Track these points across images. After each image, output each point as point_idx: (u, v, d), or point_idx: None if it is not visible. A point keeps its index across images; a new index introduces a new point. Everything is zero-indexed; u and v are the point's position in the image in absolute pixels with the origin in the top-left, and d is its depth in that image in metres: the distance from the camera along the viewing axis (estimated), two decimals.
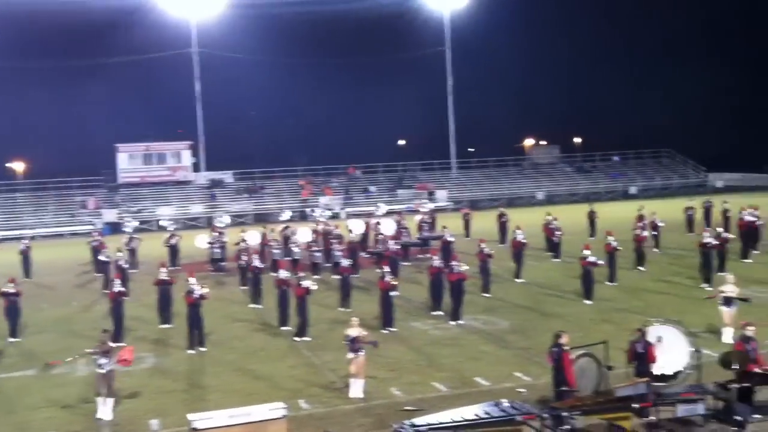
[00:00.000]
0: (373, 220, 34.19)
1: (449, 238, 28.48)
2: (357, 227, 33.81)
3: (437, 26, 67.32)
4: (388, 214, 41.69)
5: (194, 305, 18.37)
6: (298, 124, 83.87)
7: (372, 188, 62.88)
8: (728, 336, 16.24)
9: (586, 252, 21.67)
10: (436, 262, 21.39)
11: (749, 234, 27.89)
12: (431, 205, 49.34)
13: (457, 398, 13.68)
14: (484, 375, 15.17)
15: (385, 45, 73.41)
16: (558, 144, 79.45)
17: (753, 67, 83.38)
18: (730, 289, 16.83)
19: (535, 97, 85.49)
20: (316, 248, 28.68)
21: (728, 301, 16.73)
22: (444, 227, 30.37)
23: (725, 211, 32.46)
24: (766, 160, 75.57)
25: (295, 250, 28.79)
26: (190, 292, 18.47)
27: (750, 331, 12.88)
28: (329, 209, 53.75)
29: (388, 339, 18.31)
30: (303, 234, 31.38)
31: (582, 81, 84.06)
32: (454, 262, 20.82)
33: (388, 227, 32.33)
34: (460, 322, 19.85)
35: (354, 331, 14.43)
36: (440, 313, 20.78)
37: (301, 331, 18.95)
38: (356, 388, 14.32)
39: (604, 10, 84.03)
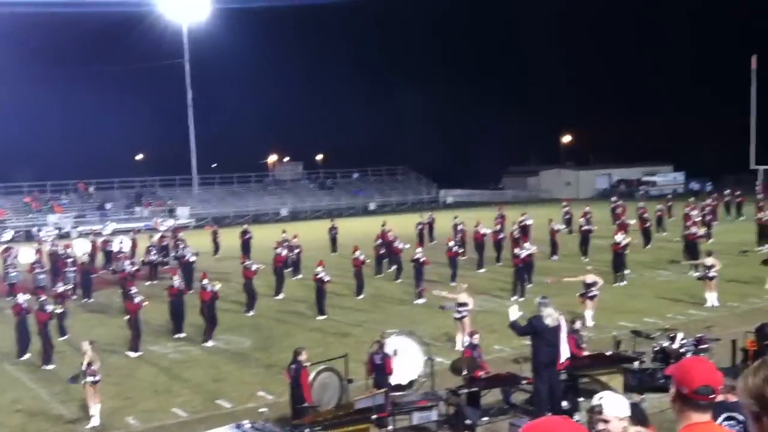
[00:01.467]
0: (100, 240, 32.43)
1: (191, 258, 27.53)
2: (81, 247, 31.69)
3: (177, 38, 65.55)
4: (125, 232, 39.60)
5: None
6: (22, 137, 77.47)
7: (107, 205, 59.49)
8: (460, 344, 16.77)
9: (319, 269, 21.93)
10: (176, 282, 20.55)
11: (482, 246, 29.87)
12: (172, 222, 47.76)
13: (198, 423, 13.19)
14: (227, 397, 14.77)
15: (121, 55, 70.34)
16: (301, 161, 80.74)
17: (480, 92, 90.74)
18: (464, 298, 17.64)
19: (279, 114, 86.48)
20: (40, 270, 26.38)
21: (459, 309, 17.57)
22: (185, 246, 29.21)
23: (455, 225, 34.57)
24: (490, 178, 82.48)
25: (12, 273, 26.29)
26: None
27: (476, 338, 13.71)
28: (58, 228, 50.10)
29: (127, 365, 17.29)
30: (25, 255, 28.95)
31: (324, 99, 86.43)
32: (205, 280, 20.12)
33: (124, 245, 30.86)
34: (209, 344, 19.14)
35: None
36: (182, 335, 19.95)
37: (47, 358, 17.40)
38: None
39: (343, 30, 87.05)
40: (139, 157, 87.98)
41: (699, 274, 21.45)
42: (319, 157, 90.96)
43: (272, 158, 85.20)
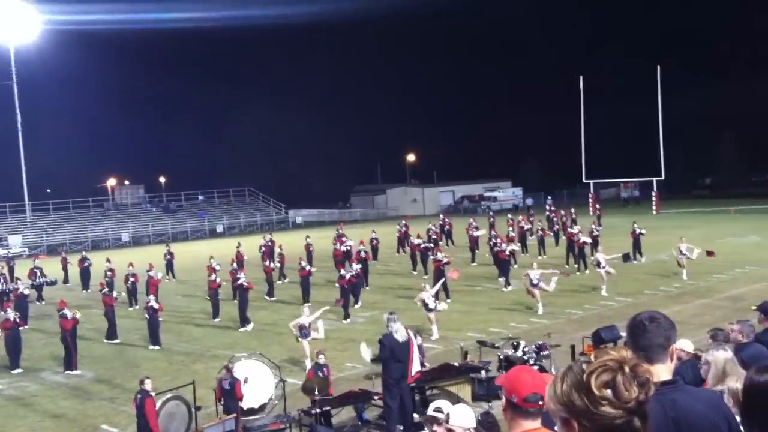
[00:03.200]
0: None
1: (25, 291, 25.90)
2: None
3: (4, 59, 61.88)
4: None
5: None
6: None
7: None
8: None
9: (150, 297, 21.33)
10: (11, 315, 19.28)
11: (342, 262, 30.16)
12: (3, 252, 44.91)
13: None
14: None
15: None
16: (142, 183, 78.20)
17: (326, 114, 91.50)
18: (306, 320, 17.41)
19: (116, 137, 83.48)
20: None
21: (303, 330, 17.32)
22: (18, 279, 27.50)
23: (308, 245, 34.57)
24: (339, 198, 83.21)
25: None
26: None
27: (321, 358, 13.62)
28: None
29: None
30: None
31: (164, 121, 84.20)
32: (65, 309, 19.05)
33: None
34: (75, 372, 18.26)
35: None
36: (20, 370, 18.75)
37: None
38: None
39: (181, 53, 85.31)
40: None
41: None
42: (162, 179, 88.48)
43: (111, 182, 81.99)
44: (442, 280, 23.34)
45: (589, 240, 30.12)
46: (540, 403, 3.01)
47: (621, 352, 1.89)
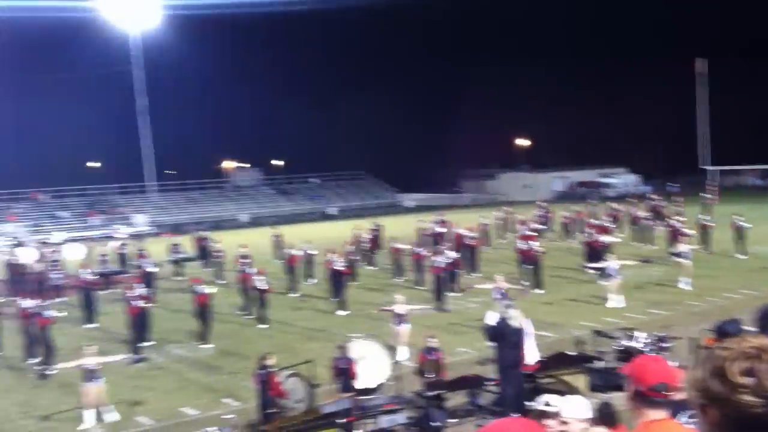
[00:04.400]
0: (49, 249, 32.04)
1: (151, 269, 27.23)
2: (28, 256, 31.28)
3: (127, 45, 64.94)
4: (80, 240, 39.13)
5: None
6: None
7: (63, 214, 58.67)
8: (403, 354, 16.37)
9: (260, 277, 21.93)
10: (140, 291, 20.23)
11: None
12: (129, 231, 47.27)
13: (163, 431, 13.13)
14: (192, 404, 14.67)
15: (73, 62, 69.41)
16: (259, 166, 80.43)
17: (437, 97, 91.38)
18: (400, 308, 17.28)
19: (236, 120, 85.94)
20: None
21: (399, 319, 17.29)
22: (143, 257, 28.86)
23: (423, 230, 34.78)
24: (449, 182, 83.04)
25: None
26: None
27: (433, 342, 13.80)
28: (14, 238, 49.23)
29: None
30: None
31: (281, 105, 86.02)
32: (197, 284, 20.12)
33: (75, 254, 30.61)
34: (208, 345, 19.23)
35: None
36: (147, 344, 19.81)
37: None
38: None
39: (302, 36, 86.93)
40: (93, 164, 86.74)
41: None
42: (277, 162, 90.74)
43: (229, 164, 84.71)
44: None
45: (691, 232, 28.73)
46: (667, 392, 3.02)
47: (761, 340, 1.90)
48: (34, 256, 31.21)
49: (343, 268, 23.40)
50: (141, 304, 19.33)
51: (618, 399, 11.83)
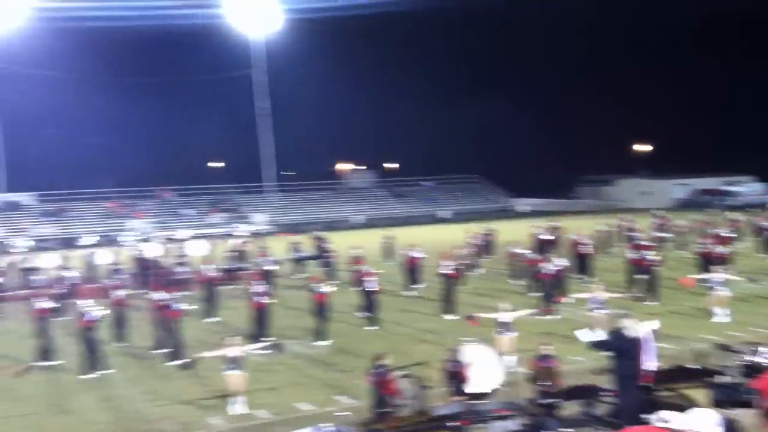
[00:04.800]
0: (174, 245, 33.51)
1: (270, 267, 28.07)
2: (153, 251, 32.75)
3: (251, 48, 67.10)
4: (202, 237, 40.77)
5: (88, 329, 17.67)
6: (105, 145, 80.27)
7: (187, 211, 61.24)
8: (509, 362, 15.93)
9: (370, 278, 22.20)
10: (260, 288, 20.97)
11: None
12: (248, 229, 48.79)
13: (279, 425, 13.53)
14: (307, 399, 15.07)
15: (197, 66, 72.25)
16: (373, 169, 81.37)
17: (553, 101, 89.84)
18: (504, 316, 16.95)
19: (352, 122, 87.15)
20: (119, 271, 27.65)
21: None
22: (264, 255, 29.83)
23: (535, 235, 34.29)
24: (567, 187, 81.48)
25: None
26: (82, 314, 17.70)
27: (548, 349, 13.65)
28: (140, 233, 51.81)
29: (207, 367, 17.88)
30: (103, 257, 30.48)
31: (394, 108, 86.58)
32: (316, 283, 20.79)
33: (198, 250, 31.93)
34: (325, 342, 19.74)
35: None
36: (268, 340, 20.42)
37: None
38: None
39: (412, 39, 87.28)
40: (219, 164, 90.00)
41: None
42: (390, 165, 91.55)
43: (344, 166, 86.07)
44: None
45: None
46: None
47: None
48: (159, 252, 32.72)
49: (451, 272, 23.37)
50: (262, 300, 19.97)
51: (743, 415, 11.44)
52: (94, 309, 18.10)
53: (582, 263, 28.42)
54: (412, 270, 27.06)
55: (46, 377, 17.82)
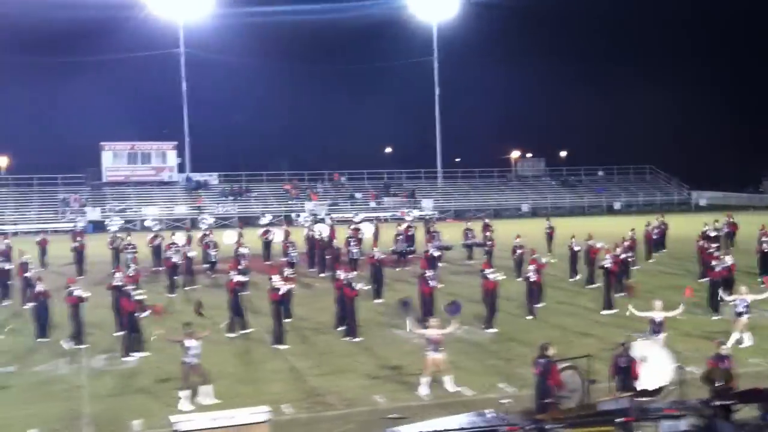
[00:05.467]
0: (347, 226, 34.51)
1: (437, 252, 28.28)
2: (325, 231, 33.63)
3: (426, 36, 67.62)
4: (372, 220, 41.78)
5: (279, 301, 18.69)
6: (284, 129, 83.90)
7: (357, 195, 62.93)
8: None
9: (530, 267, 21.76)
10: (428, 274, 21.11)
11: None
12: (416, 214, 49.43)
13: (440, 408, 13.66)
14: (468, 385, 15.14)
15: (374, 53, 73.67)
16: (543, 157, 79.93)
17: (739, 89, 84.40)
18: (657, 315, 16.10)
19: (522, 110, 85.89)
20: (293, 249, 28.62)
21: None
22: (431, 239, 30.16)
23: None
24: (748, 180, 76.44)
25: (293, 254, 28.50)
26: (276, 289, 18.64)
27: (724, 349, 12.96)
28: (314, 214, 53.77)
29: (372, 345, 18.37)
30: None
31: (568, 95, 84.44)
32: (487, 270, 20.71)
33: (368, 232, 32.91)
34: (493, 330, 19.82)
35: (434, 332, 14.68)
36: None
37: (278, 338, 18.90)
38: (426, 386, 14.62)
39: (589, 25, 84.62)
40: (388, 150, 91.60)
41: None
42: (562, 153, 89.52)
43: (514, 154, 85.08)
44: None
45: None
46: None
47: None
48: (329, 232, 33.79)
49: (610, 266, 22.57)
50: (432, 284, 20.16)
51: None
52: (283, 284, 18.94)
53: (764, 261, 26.65)
54: (591, 260, 26.34)
55: (235, 345, 18.92)
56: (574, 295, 24.89)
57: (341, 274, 20.06)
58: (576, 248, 27.66)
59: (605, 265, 22.53)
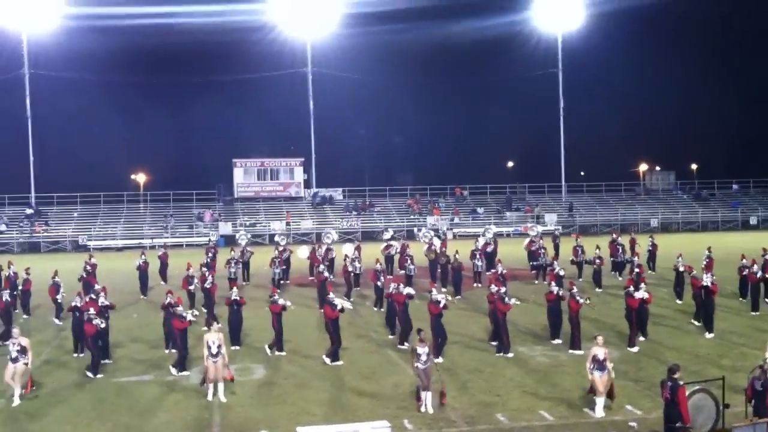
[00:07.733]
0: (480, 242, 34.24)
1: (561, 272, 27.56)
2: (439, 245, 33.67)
3: (549, 48, 66.76)
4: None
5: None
6: (406, 144, 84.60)
7: (480, 209, 62.67)
8: None
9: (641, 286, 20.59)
10: (554, 289, 20.84)
11: None
12: (540, 228, 48.72)
13: (564, 428, 13.48)
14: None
15: (497, 66, 73.22)
16: (673, 170, 77.05)
17: None
18: None
19: (650, 121, 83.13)
20: (411, 263, 29.51)
21: None
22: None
23: None
24: None
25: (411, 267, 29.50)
26: (437, 302, 18.80)
27: None
28: (435, 229, 53.90)
29: (497, 363, 18.26)
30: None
31: (698, 106, 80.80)
32: (630, 287, 20.18)
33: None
34: (634, 349, 19.35)
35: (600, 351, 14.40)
36: (558, 341, 20.34)
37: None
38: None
39: (717, 35, 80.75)
40: (510, 164, 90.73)
41: None
42: (693, 166, 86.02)
43: (642, 167, 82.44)
44: None
45: None
46: None
47: None
48: (442, 247, 33.75)
49: (710, 285, 21.43)
50: (581, 301, 19.45)
51: None
52: (443, 297, 19.05)
53: None
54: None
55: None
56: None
57: (493, 288, 20.06)
58: (681, 269, 25.96)
59: (705, 283, 21.49)
